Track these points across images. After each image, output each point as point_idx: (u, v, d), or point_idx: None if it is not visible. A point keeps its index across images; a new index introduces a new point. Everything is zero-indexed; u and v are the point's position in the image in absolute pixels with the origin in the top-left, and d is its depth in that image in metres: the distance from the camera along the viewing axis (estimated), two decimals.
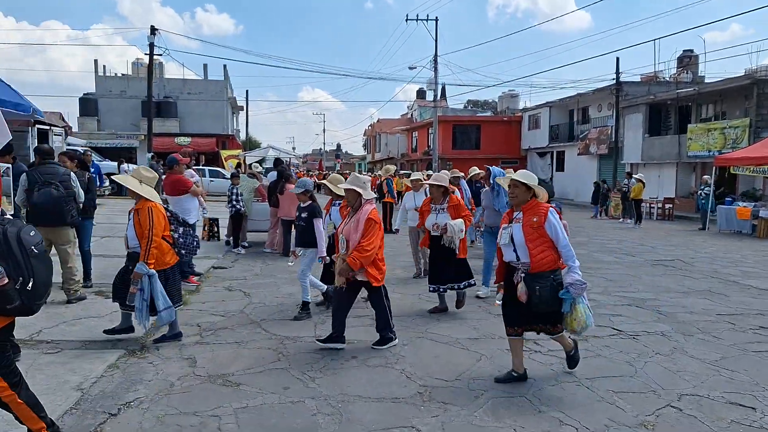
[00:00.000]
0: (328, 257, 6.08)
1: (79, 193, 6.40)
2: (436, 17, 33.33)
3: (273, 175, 11.09)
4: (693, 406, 3.97)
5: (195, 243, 5.88)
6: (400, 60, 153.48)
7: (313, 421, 3.62)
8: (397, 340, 5.21)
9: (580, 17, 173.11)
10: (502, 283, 4.51)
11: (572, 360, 4.58)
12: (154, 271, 4.79)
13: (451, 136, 40.08)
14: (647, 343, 5.43)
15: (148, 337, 5.24)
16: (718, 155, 19.51)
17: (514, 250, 4.24)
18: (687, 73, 30.73)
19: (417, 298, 7.08)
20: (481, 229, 7.91)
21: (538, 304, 4.11)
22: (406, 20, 33.90)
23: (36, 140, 12.49)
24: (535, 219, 4.20)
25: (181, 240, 5.46)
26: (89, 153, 7.91)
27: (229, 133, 40.35)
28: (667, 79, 30.52)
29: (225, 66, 40.94)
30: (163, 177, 8.08)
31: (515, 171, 9.89)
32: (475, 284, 6.55)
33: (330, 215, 6.51)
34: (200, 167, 25.57)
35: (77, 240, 6.64)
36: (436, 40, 33.39)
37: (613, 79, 28.35)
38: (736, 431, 3.61)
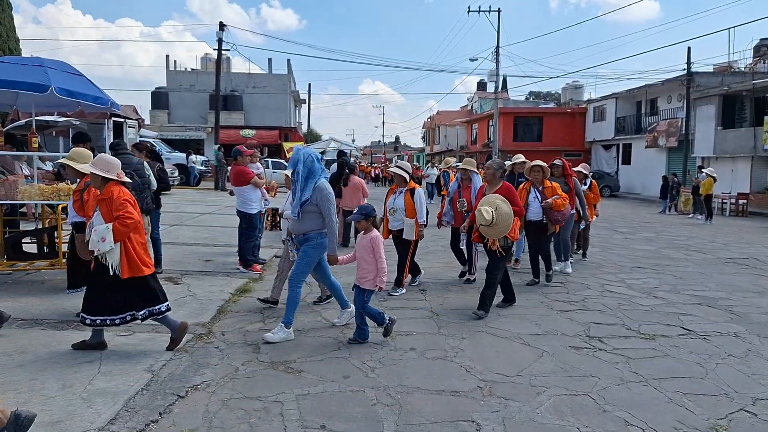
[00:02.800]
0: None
1: (152, 181, 6.68)
2: (499, 8, 32.93)
3: (335, 167, 11.23)
4: None
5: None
6: (460, 52, 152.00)
7: (372, 410, 3.66)
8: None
9: (647, 6, 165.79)
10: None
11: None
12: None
13: (512, 128, 39.38)
14: (719, 344, 5.17)
15: (213, 323, 5.44)
16: None
17: None
18: (764, 62, 28.93)
19: (477, 291, 7.01)
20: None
21: None
22: (468, 12, 33.58)
23: (112, 132, 13.14)
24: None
25: None
26: (150, 144, 8.22)
27: (292, 125, 41.23)
28: (743, 69, 28.86)
29: (288, 60, 42.05)
30: (229, 168, 8.33)
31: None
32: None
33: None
34: (264, 158, 26.21)
35: (150, 227, 6.95)
36: (498, 31, 32.96)
37: (684, 69, 27.07)
38: None
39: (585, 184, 9.13)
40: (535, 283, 7.46)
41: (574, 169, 8.89)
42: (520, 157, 8.96)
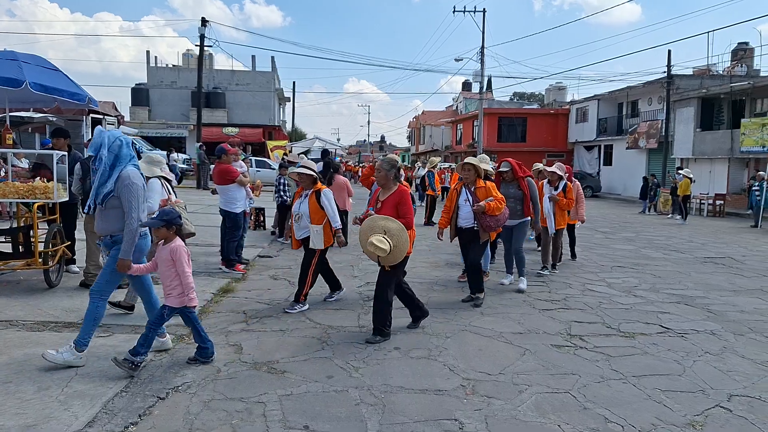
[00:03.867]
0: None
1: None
2: (484, 9, 33.13)
3: (320, 166, 11.21)
4: (744, 407, 3.83)
5: None
6: (446, 52, 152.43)
7: (356, 410, 3.65)
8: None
9: (629, 9, 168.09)
10: None
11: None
12: None
13: (496, 128, 39.59)
14: (696, 342, 5.26)
15: None
16: None
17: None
18: (741, 66, 29.53)
19: (461, 290, 7.03)
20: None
21: None
22: (453, 12, 33.70)
23: (90, 129, 12.97)
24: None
25: None
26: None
27: (276, 123, 40.98)
28: (721, 72, 29.36)
29: (273, 58, 41.68)
30: (212, 166, 8.25)
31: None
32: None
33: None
34: (247, 157, 26.04)
35: None
36: (483, 32, 33.04)
37: (664, 72, 27.44)
38: None
39: (557, 187, 8.23)
40: (471, 300, 6.44)
41: (549, 169, 8.40)
42: (484, 162, 7.92)
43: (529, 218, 7.28)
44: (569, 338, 5.28)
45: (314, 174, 6.12)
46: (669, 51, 27.69)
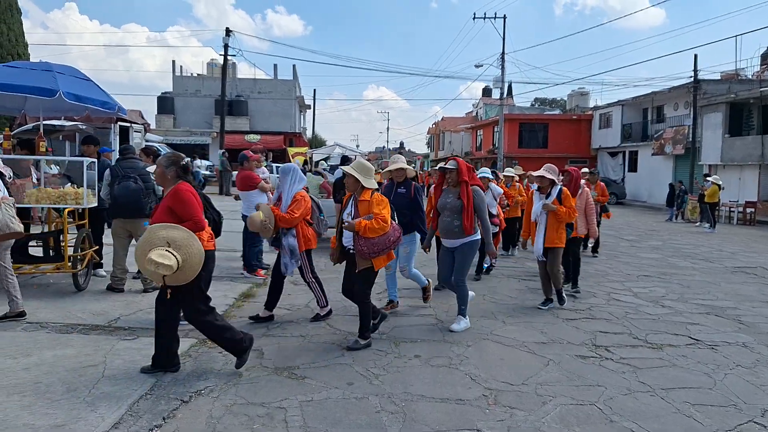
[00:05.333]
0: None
1: (157, 186, 6.69)
2: (504, 15, 33.04)
3: (339, 172, 11.24)
4: None
5: None
6: (465, 58, 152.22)
7: (377, 418, 3.63)
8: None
9: (653, 13, 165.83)
10: None
11: None
12: None
13: (517, 134, 39.37)
14: (727, 354, 5.12)
15: None
16: None
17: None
18: None
19: (482, 298, 6.98)
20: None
21: None
22: (474, 18, 33.70)
23: (118, 136, 13.22)
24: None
25: None
26: (156, 149, 8.15)
27: (297, 131, 41.32)
28: (750, 77, 28.77)
29: (294, 66, 41.99)
30: (234, 173, 8.34)
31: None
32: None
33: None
34: (269, 163, 26.28)
35: None
36: (503, 38, 32.95)
37: (691, 76, 27.02)
38: None
39: (549, 194, 6.46)
40: (356, 345, 4.98)
41: (535, 173, 6.63)
42: (398, 163, 6.43)
43: (474, 237, 5.57)
44: (594, 349, 5.19)
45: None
46: (695, 55, 27.43)
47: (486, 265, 8.62)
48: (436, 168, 6.16)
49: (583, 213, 7.20)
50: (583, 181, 8.44)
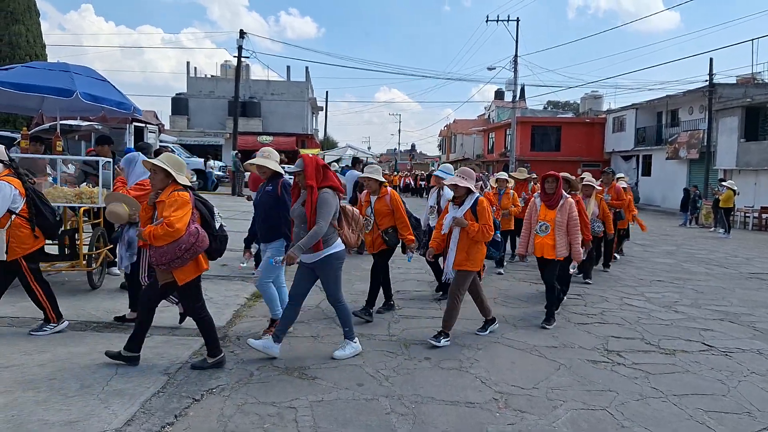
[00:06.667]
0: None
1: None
2: (518, 18, 32.97)
3: (351, 173, 11.27)
4: None
5: None
6: (478, 61, 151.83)
7: (387, 419, 3.64)
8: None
9: (668, 17, 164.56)
10: None
11: None
12: None
13: (529, 137, 39.20)
14: (741, 361, 5.07)
15: (229, 328, 5.46)
16: None
17: None
18: None
19: (492, 302, 6.95)
20: None
21: None
22: (486, 21, 33.63)
23: (133, 137, 13.35)
24: None
25: None
26: (170, 149, 8.22)
27: (309, 132, 41.47)
28: (766, 80, 28.46)
29: (307, 68, 42.29)
30: (247, 174, 8.38)
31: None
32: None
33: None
34: (281, 164, 26.37)
35: None
36: (516, 41, 32.92)
37: (706, 80, 26.76)
38: None
39: (464, 204, 5.26)
40: (202, 364, 4.38)
41: (447, 181, 5.64)
42: (260, 158, 5.22)
43: (329, 252, 4.65)
44: (606, 353, 5.16)
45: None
46: (711, 59, 27.05)
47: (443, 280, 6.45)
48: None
49: (563, 230, 5.90)
50: (595, 184, 8.25)
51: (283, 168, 5.19)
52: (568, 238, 5.92)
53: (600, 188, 8.68)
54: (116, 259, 5.66)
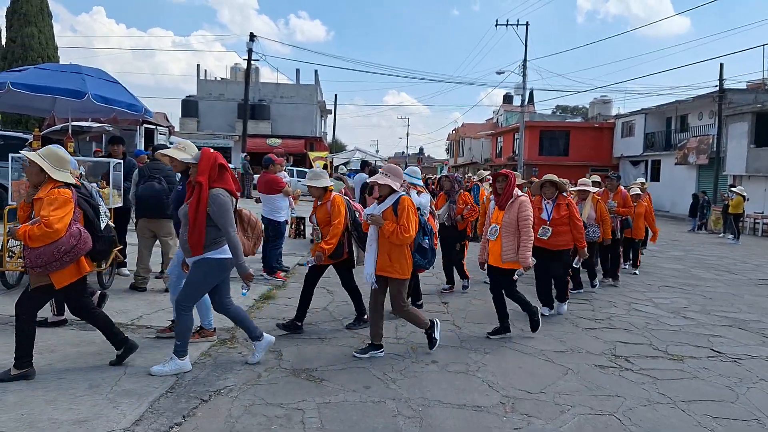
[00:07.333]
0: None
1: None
2: (527, 22, 33.01)
3: (360, 176, 11.31)
4: None
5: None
6: (486, 65, 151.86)
7: (393, 422, 3.64)
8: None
9: (678, 22, 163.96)
10: None
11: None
12: None
13: (537, 141, 39.10)
14: (750, 368, 5.03)
15: (237, 329, 5.48)
16: None
17: None
18: None
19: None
20: None
21: None
22: (496, 25, 33.69)
23: (143, 138, 13.46)
24: None
25: None
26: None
27: (317, 135, 41.57)
28: None
29: (316, 71, 42.41)
30: (256, 176, 8.43)
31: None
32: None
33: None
34: (289, 167, 26.50)
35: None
36: (525, 45, 32.88)
37: (716, 85, 26.61)
38: None
39: (385, 202, 4.87)
40: (4, 376, 3.93)
41: (372, 179, 5.11)
42: (168, 150, 4.76)
43: (207, 256, 4.21)
44: (614, 359, 5.14)
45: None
46: (721, 64, 26.84)
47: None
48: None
49: (512, 231, 5.45)
50: (590, 187, 7.94)
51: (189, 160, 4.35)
52: (516, 240, 5.40)
53: (595, 192, 8.38)
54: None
